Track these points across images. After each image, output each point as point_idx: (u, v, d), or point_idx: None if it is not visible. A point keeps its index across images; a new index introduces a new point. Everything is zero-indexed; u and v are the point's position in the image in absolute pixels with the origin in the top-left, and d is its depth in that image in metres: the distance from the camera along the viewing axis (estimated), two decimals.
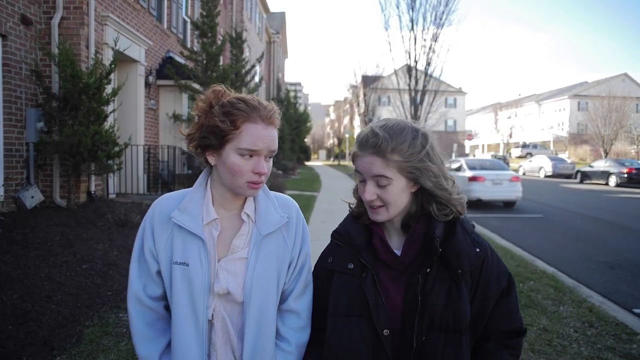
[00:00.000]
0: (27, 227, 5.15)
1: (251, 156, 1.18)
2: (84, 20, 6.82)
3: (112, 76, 6.84)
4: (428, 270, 1.17)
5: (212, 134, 1.18)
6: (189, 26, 12.12)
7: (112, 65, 6.58)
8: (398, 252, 1.21)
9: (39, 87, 6.45)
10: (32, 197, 6.36)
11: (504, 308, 1.22)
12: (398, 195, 1.17)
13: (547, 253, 7.23)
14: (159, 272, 1.26)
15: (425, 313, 1.14)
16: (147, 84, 9.65)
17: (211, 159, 1.23)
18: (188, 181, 9.49)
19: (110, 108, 6.81)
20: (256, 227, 1.27)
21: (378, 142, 1.15)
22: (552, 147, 46.85)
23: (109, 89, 6.75)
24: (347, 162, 47.87)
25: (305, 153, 39.01)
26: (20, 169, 6.33)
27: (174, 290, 1.22)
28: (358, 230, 1.26)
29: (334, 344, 1.19)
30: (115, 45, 6.74)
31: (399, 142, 1.14)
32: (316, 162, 50.56)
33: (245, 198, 1.29)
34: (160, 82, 10.19)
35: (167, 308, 1.30)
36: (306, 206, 11.15)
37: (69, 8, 6.73)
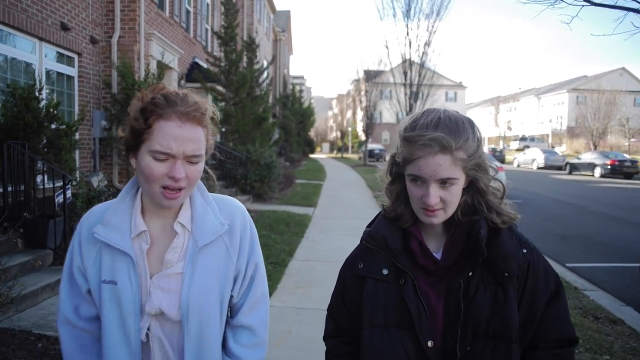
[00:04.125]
0: None
1: (166, 159, 1.05)
2: (136, 38, 8.40)
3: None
4: (470, 274, 1.09)
5: (130, 134, 1.09)
6: (209, 33, 13.68)
7: (160, 75, 8.16)
8: (437, 256, 1.13)
9: (102, 92, 8.05)
10: (99, 181, 7.97)
11: (554, 313, 1.11)
12: (458, 195, 1.08)
13: None
14: (89, 292, 1.17)
15: (469, 320, 1.07)
16: (179, 88, 11.27)
17: (133, 162, 1.12)
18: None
19: None
20: (193, 238, 1.16)
21: (443, 139, 1.02)
22: (550, 140, 48.20)
23: None
24: (350, 155, 49.41)
25: (310, 146, 40.55)
26: (89, 159, 7.94)
27: (104, 311, 1.13)
28: (393, 233, 1.15)
29: (372, 358, 1.11)
30: (162, 58, 8.32)
31: (464, 138, 1.04)
32: (320, 155, 52.07)
33: (181, 205, 1.17)
34: (189, 85, 11.76)
35: None
36: (314, 192, 12.79)
37: (124, 28, 8.31)
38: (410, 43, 13.41)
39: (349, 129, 54.10)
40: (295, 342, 3.56)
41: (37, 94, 5.05)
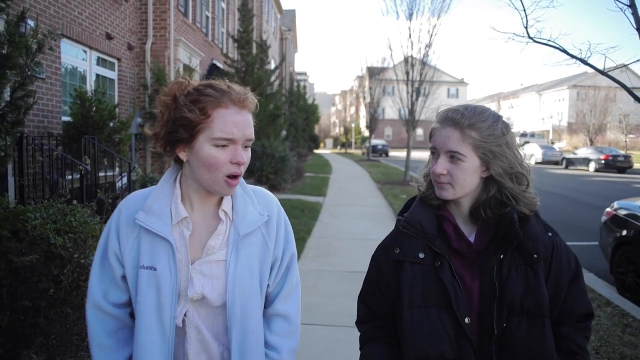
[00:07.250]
0: None
1: (227, 145, 1.10)
2: (166, 44, 9.41)
3: None
4: (502, 256, 1.16)
5: (181, 127, 1.10)
6: (224, 36, 14.69)
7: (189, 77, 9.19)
8: (470, 240, 1.20)
9: (136, 93, 9.08)
10: (135, 173, 9.01)
11: (576, 291, 1.21)
12: (468, 175, 1.16)
13: None
14: (124, 277, 1.20)
15: (505, 299, 1.14)
16: None
17: (182, 155, 1.15)
18: None
19: None
20: (234, 227, 1.20)
21: (458, 116, 1.14)
22: (550, 137, 48.99)
23: None
24: (354, 151, 50.38)
25: (315, 141, 41.48)
26: (126, 152, 8.98)
27: (139, 297, 1.16)
28: (428, 218, 1.22)
29: (415, 337, 1.16)
30: (190, 63, 9.34)
31: (479, 119, 1.14)
32: (324, 150, 53.09)
33: None
34: None
35: (133, 315, 1.22)
36: (323, 184, 13.84)
37: (156, 36, 9.32)
38: (412, 45, 14.32)
39: (353, 125, 54.99)
40: (321, 292, 4.60)
41: (100, 96, 6.08)
